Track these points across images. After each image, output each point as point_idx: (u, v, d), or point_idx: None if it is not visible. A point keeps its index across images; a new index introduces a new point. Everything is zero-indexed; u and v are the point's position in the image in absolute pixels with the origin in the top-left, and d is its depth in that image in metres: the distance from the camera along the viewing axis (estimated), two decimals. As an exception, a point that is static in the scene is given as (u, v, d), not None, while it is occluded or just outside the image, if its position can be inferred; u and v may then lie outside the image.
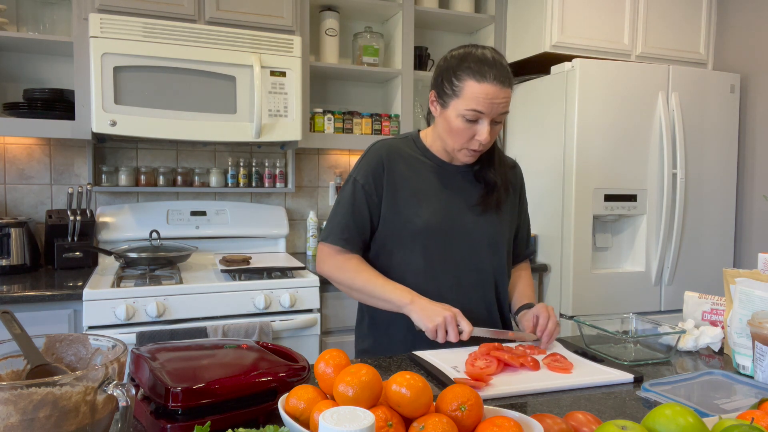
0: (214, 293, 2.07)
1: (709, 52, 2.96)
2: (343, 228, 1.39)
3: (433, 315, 1.23)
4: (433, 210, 1.38)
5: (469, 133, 1.30)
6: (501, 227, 1.44)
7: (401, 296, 1.30)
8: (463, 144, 1.33)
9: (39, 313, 1.92)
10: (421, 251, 1.38)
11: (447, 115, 1.32)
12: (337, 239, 1.39)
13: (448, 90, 1.30)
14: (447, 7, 2.98)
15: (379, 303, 1.35)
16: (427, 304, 1.27)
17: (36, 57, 2.45)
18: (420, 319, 1.25)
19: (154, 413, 0.82)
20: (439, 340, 1.23)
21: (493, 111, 1.27)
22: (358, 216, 1.40)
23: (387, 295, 1.32)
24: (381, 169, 1.39)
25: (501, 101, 1.27)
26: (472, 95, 1.26)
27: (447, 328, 1.22)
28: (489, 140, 1.31)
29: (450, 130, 1.32)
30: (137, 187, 2.56)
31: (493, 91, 1.25)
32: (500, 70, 1.26)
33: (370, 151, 1.43)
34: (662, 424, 0.68)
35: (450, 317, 1.22)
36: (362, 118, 2.79)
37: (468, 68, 1.27)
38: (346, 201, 1.41)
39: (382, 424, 0.70)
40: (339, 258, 1.40)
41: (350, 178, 1.42)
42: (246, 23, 2.39)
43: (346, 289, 1.41)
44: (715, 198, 2.77)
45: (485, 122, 1.28)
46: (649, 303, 2.66)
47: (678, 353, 1.31)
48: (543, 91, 2.70)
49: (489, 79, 1.25)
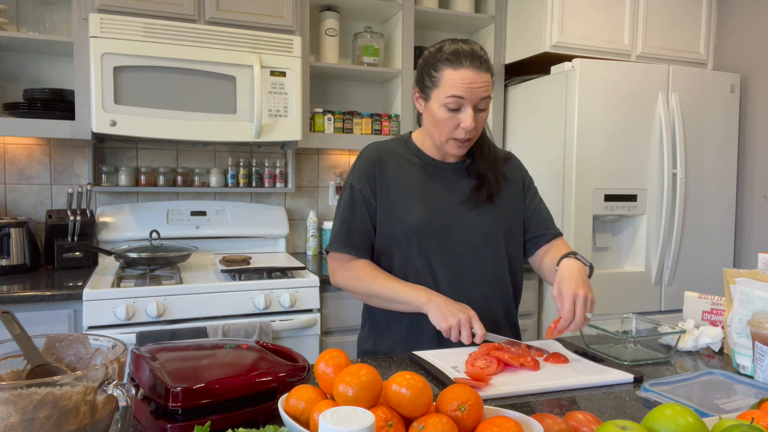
0: (214, 293, 2.07)
1: (709, 52, 2.96)
2: (346, 234, 1.41)
3: (448, 315, 1.25)
4: (424, 208, 1.39)
5: (454, 122, 1.32)
6: (498, 220, 1.43)
7: (418, 297, 1.31)
8: (449, 134, 1.34)
9: (39, 313, 1.92)
10: (418, 250, 1.39)
11: (430, 107, 1.35)
12: (341, 246, 1.41)
13: (428, 83, 1.34)
14: (447, 7, 2.98)
15: (398, 306, 1.36)
16: (444, 303, 1.28)
17: (36, 57, 2.45)
18: (436, 317, 1.26)
19: (154, 413, 0.82)
20: (452, 340, 1.25)
21: (474, 96, 1.29)
22: (359, 221, 1.41)
23: (404, 297, 1.33)
24: (374, 172, 1.41)
25: (480, 85, 1.29)
26: (451, 82, 1.29)
27: (461, 330, 1.23)
28: (473, 127, 1.31)
29: (435, 122, 1.34)
30: (137, 187, 2.56)
31: (470, 75, 1.28)
32: (475, 56, 1.30)
33: (362, 154, 1.46)
34: (662, 424, 0.68)
35: (465, 320, 1.23)
36: (362, 118, 2.79)
37: (444, 59, 1.31)
38: (346, 207, 1.42)
39: (382, 424, 0.70)
40: (349, 266, 1.41)
41: (346, 184, 1.45)
42: (246, 23, 2.39)
43: (362, 297, 1.42)
44: (715, 198, 2.77)
45: (468, 109, 1.30)
46: (649, 303, 2.66)
47: (678, 353, 1.31)
48: (543, 91, 2.70)
49: (465, 65, 1.28)
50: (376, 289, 1.36)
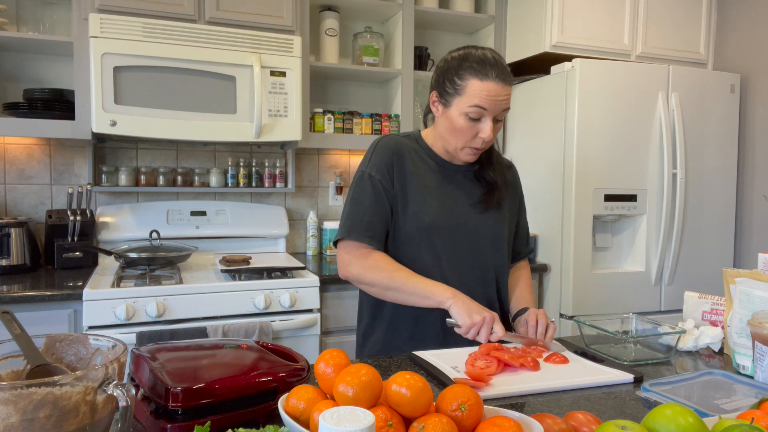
0: (214, 293, 2.07)
1: (709, 52, 2.96)
2: (367, 225, 1.36)
3: (473, 312, 1.25)
4: (439, 207, 1.39)
5: (473, 132, 1.33)
6: (502, 225, 1.46)
7: (443, 291, 1.30)
8: (466, 142, 1.35)
9: (39, 313, 1.92)
10: (428, 248, 1.39)
11: (450, 114, 1.34)
12: (362, 236, 1.36)
13: (450, 89, 1.33)
14: (447, 7, 2.98)
15: (417, 300, 1.33)
16: (469, 301, 1.29)
17: (36, 57, 2.45)
18: (460, 312, 1.26)
19: (154, 413, 0.82)
20: (470, 337, 1.26)
21: (496, 108, 1.30)
22: (380, 211, 1.38)
23: (427, 291, 1.31)
24: (392, 164, 1.40)
25: (503, 98, 1.30)
26: (475, 93, 1.29)
27: (482, 329, 1.24)
28: (491, 138, 1.33)
29: (453, 129, 1.34)
30: (137, 187, 2.56)
31: (495, 88, 1.29)
32: (501, 68, 1.30)
33: (379, 145, 1.42)
34: (662, 424, 0.68)
35: (489, 319, 1.25)
36: (362, 118, 2.79)
37: (470, 67, 1.30)
38: (366, 197, 1.38)
39: (382, 424, 0.70)
40: (366, 258, 1.36)
41: (363, 174, 1.40)
42: (246, 23, 2.39)
43: (379, 290, 1.36)
44: (715, 198, 2.77)
45: (488, 120, 1.31)
46: (649, 303, 2.66)
47: (678, 353, 1.31)
48: (543, 91, 2.70)
49: (491, 77, 1.28)
50: (399, 281, 1.33)
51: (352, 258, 1.38)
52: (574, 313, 2.51)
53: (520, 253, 1.60)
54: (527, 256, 1.64)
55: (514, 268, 1.60)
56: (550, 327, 1.32)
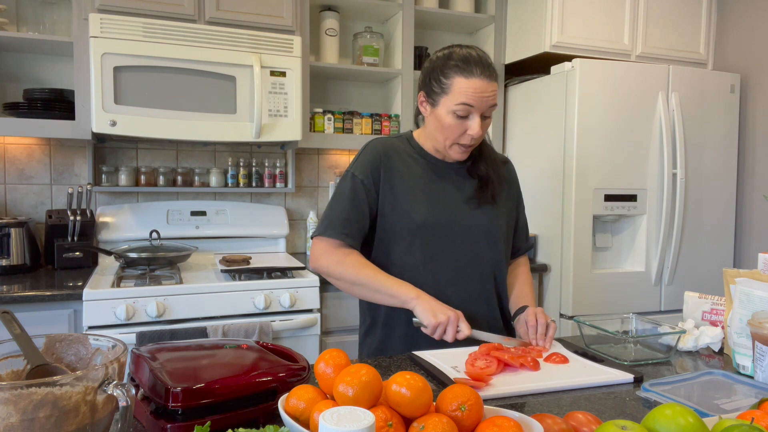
0: (214, 293, 2.07)
1: (709, 52, 2.96)
2: (344, 222, 1.39)
3: (437, 312, 1.25)
4: (430, 205, 1.40)
5: (461, 129, 1.34)
6: (498, 220, 1.46)
7: (407, 291, 1.31)
8: (454, 139, 1.36)
9: (39, 313, 1.92)
10: (420, 246, 1.39)
11: (438, 112, 1.36)
12: (337, 233, 1.38)
13: (437, 89, 1.35)
14: (447, 7, 2.98)
15: (382, 298, 1.35)
16: (432, 301, 1.29)
17: (36, 57, 2.45)
18: (424, 313, 1.26)
19: (154, 413, 0.82)
20: (436, 337, 1.25)
21: (483, 104, 1.32)
22: (358, 211, 1.40)
23: (392, 290, 1.32)
24: (378, 166, 1.41)
25: (489, 95, 1.32)
26: (461, 91, 1.30)
27: (447, 328, 1.24)
28: (480, 134, 1.34)
29: (441, 127, 1.36)
30: (137, 187, 2.56)
31: (480, 85, 1.30)
32: (485, 65, 1.32)
33: (367, 147, 1.45)
34: (662, 424, 0.68)
35: (453, 318, 1.24)
36: (362, 118, 2.79)
37: (455, 66, 1.32)
38: (346, 195, 1.40)
39: (382, 424, 0.70)
40: (338, 253, 1.38)
41: (347, 174, 1.43)
42: (246, 23, 2.39)
43: (346, 285, 1.39)
44: (715, 198, 2.77)
45: (476, 116, 1.33)
46: (649, 303, 2.66)
47: (678, 353, 1.31)
48: (543, 91, 2.70)
49: (476, 75, 1.30)
50: (364, 278, 1.34)
51: (322, 252, 1.40)
52: (574, 313, 2.51)
53: (520, 249, 1.61)
54: (527, 251, 1.64)
55: (513, 265, 1.60)
56: (551, 326, 1.32)
